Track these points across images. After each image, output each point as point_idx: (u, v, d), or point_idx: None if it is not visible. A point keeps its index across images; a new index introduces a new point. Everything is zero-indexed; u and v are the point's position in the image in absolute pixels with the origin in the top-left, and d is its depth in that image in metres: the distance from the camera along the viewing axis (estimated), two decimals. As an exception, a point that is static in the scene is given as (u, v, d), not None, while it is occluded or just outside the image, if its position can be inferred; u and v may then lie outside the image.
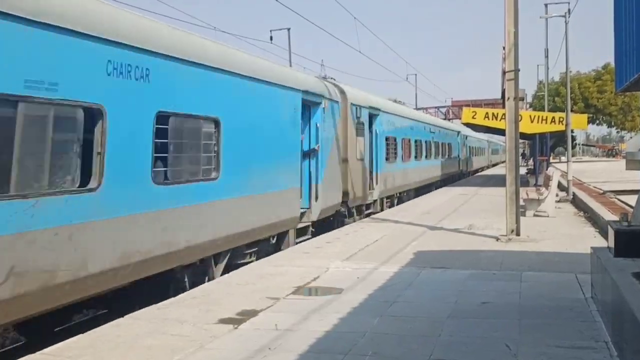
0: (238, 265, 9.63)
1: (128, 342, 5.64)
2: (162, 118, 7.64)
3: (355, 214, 16.26)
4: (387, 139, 19.63)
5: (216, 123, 8.96)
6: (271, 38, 33.34)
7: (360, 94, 17.68)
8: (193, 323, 6.24)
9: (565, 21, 24.35)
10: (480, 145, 57.24)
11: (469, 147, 46.31)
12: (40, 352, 5.50)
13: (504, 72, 12.88)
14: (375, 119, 18.43)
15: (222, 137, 9.06)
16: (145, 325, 6.20)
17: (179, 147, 8.28)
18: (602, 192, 21.78)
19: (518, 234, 11.71)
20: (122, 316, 6.49)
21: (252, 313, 6.61)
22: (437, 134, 30.81)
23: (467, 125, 30.59)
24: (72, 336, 5.88)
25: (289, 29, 34.91)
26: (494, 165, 72.20)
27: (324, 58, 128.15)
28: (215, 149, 8.97)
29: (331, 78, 17.65)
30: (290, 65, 28.61)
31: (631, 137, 66.15)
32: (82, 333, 6.00)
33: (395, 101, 26.62)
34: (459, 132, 38.86)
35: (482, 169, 58.20)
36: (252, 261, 10.08)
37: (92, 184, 6.51)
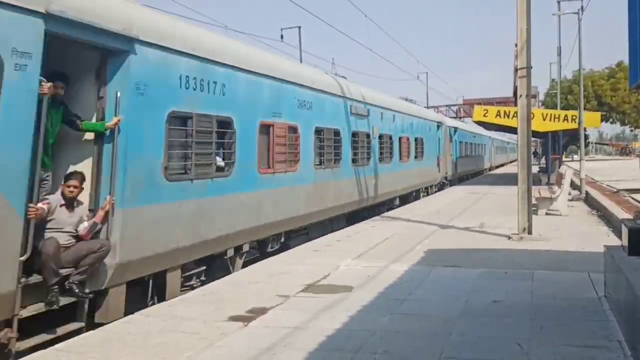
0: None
1: (139, 339, 5.66)
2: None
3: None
4: None
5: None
6: (282, 36, 33.37)
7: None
8: (203, 320, 6.25)
9: (579, 18, 24.13)
10: (477, 142, 44.39)
11: (461, 143, 35.40)
12: (53, 347, 5.54)
13: (516, 70, 12.76)
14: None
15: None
16: (156, 322, 6.22)
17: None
18: (615, 190, 21.57)
19: (530, 233, 11.62)
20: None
21: (262, 311, 6.60)
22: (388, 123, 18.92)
23: (479, 123, 30.36)
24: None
25: (299, 27, 34.91)
26: (498, 166, 61.16)
27: (334, 56, 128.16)
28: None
29: (342, 77, 17.61)
30: (301, 62, 28.58)
31: (645, 136, 65.44)
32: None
33: (406, 99, 26.35)
34: (439, 124, 27.78)
35: (482, 171, 46.22)
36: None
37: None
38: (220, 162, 8.92)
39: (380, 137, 17.86)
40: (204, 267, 8.72)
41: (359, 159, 15.68)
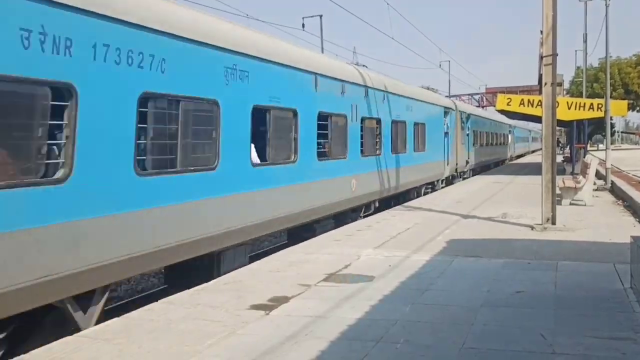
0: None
1: (161, 327, 5.73)
2: None
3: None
4: None
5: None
6: (303, 25, 33.25)
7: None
8: (225, 309, 6.30)
9: (606, 4, 23.58)
10: (496, 130, 39.93)
11: (475, 132, 30.71)
12: (77, 334, 5.63)
13: (541, 57, 12.54)
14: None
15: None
16: (178, 310, 6.29)
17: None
18: (642, 180, 21.16)
19: (554, 223, 11.47)
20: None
21: (283, 299, 6.63)
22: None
23: (502, 112, 29.97)
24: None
25: (321, 16, 34.74)
26: (519, 156, 56.40)
27: (356, 45, 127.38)
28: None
29: (363, 65, 17.52)
30: (322, 52, 28.46)
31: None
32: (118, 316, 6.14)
33: (428, 88, 26.16)
34: (448, 110, 23.97)
35: (501, 162, 41.95)
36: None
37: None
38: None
39: (363, 121, 14.10)
40: None
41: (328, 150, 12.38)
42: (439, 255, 9.04)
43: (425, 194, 20.58)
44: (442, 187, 22.84)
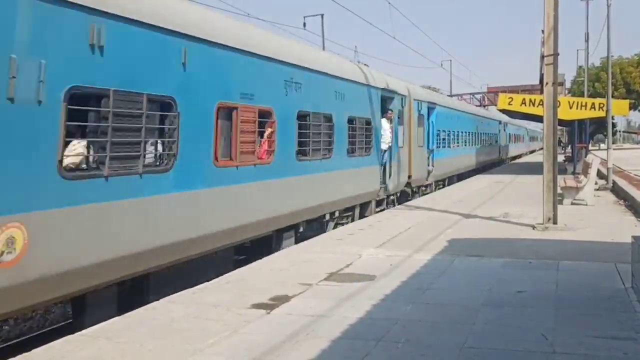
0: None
1: (164, 325, 5.74)
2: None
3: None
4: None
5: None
6: (304, 24, 33.21)
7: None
8: (227, 308, 6.31)
9: (607, 3, 23.56)
10: (478, 128, 33.07)
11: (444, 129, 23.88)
12: (80, 332, 5.64)
13: (542, 57, 12.54)
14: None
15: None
16: (181, 308, 6.30)
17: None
18: (643, 180, 21.15)
19: (555, 223, 11.47)
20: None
21: (285, 299, 6.64)
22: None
23: (503, 111, 29.93)
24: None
25: (322, 15, 34.72)
26: (515, 157, 53.72)
27: (357, 44, 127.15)
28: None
29: (364, 64, 17.51)
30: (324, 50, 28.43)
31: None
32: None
33: (429, 88, 26.04)
34: (390, 94, 16.45)
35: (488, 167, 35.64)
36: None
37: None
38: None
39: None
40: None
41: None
42: (440, 254, 9.05)
43: (338, 225, 13.15)
44: (377, 211, 15.35)
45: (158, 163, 7.46)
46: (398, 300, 6.53)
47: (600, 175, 20.62)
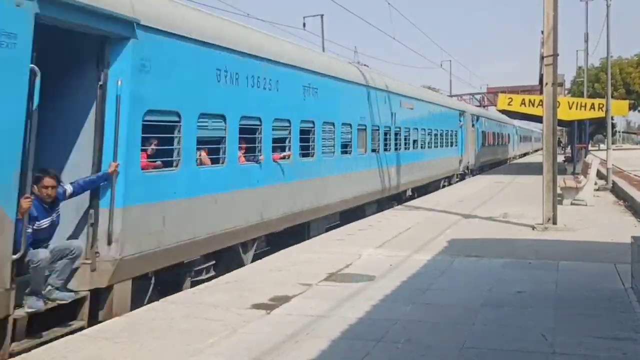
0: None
1: (164, 326, 5.74)
2: None
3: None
4: None
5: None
6: (304, 25, 33.20)
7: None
8: (227, 308, 6.32)
9: (607, 4, 23.57)
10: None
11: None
12: (80, 332, 5.65)
13: (542, 57, 12.55)
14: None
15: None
16: (180, 309, 6.30)
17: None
18: (643, 180, 21.15)
19: (555, 223, 11.47)
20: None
21: (285, 299, 6.65)
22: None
23: (503, 111, 29.93)
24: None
25: (322, 16, 34.71)
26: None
27: (357, 44, 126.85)
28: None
29: (364, 65, 17.53)
30: (323, 51, 28.43)
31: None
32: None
33: (429, 88, 26.00)
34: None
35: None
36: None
37: None
38: None
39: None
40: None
41: None
42: (440, 254, 9.05)
43: None
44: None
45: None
46: (398, 300, 6.53)
47: (599, 175, 20.62)
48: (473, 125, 30.35)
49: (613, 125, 40.44)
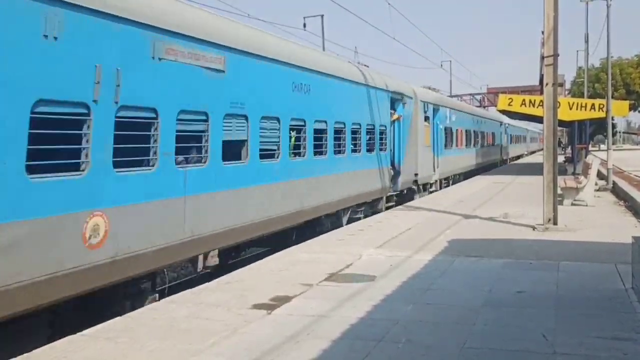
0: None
1: (164, 325, 5.74)
2: None
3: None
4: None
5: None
6: (304, 25, 33.22)
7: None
8: (227, 308, 6.32)
9: (607, 4, 23.59)
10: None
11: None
12: (81, 333, 5.65)
13: (542, 58, 12.56)
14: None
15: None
16: (181, 309, 6.31)
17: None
18: (643, 181, 21.14)
19: (555, 223, 11.47)
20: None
21: (286, 299, 6.65)
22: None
23: (503, 112, 29.94)
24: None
25: (322, 16, 34.72)
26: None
27: (357, 45, 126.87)
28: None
29: (364, 65, 17.53)
30: (324, 50, 28.42)
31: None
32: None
33: (429, 88, 25.90)
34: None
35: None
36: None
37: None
38: None
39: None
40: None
41: None
42: (440, 255, 9.05)
43: None
44: None
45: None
46: (398, 300, 6.53)
47: (600, 175, 20.62)
48: (427, 119, 21.06)
49: (613, 126, 40.45)
